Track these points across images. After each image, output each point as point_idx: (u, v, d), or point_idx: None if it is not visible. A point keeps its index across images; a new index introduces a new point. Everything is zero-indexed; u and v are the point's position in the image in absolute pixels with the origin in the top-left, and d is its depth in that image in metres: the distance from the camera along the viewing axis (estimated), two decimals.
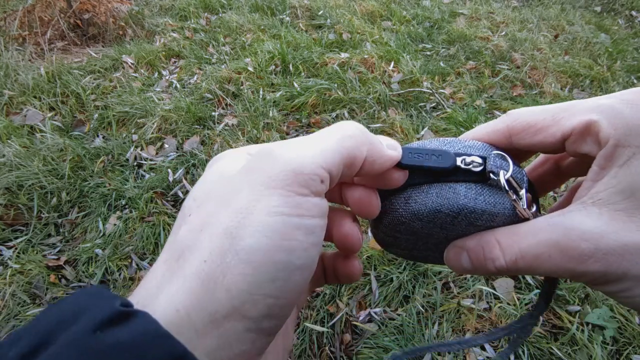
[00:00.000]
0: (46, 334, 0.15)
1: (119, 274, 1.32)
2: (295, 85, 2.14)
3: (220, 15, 2.97)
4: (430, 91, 2.12)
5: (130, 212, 1.50)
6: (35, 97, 2.01)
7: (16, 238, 1.42)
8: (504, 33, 2.81)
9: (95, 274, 1.32)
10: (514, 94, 2.21)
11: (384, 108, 2.02)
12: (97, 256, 1.37)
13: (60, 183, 1.59)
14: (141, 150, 1.79)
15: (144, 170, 1.69)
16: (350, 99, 2.05)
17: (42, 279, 1.30)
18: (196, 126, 1.91)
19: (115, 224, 1.46)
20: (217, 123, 1.93)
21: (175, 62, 2.47)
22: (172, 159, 1.74)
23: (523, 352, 1.07)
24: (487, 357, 1.07)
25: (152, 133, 1.85)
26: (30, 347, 0.15)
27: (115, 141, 1.81)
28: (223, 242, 0.17)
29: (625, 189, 0.19)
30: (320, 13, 2.97)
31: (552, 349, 1.07)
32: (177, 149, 1.82)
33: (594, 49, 2.69)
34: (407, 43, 2.61)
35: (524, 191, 0.22)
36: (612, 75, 2.40)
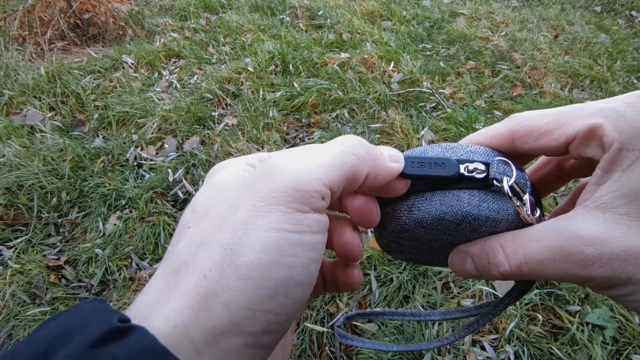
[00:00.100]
0: (44, 350, 0.15)
1: (119, 274, 1.32)
2: (295, 85, 2.14)
3: (220, 15, 2.97)
4: (430, 91, 2.12)
5: (130, 212, 1.50)
6: (35, 97, 2.01)
7: (16, 238, 1.42)
8: (504, 33, 2.81)
9: (95, 274, 1.32)
10: (514, 94, 2.21)
11: (384, 108, 2.02)
12: (97, 256, 1.37)
13: (60, 183, 1.59)
14: (141, 150, 1.79)
15: (144, 170, 1.69)
16: (350, 99, 2.05)
17: (42, 279, 1.30)
18: (196, 126, 1.91)
19: (115, 224, 1.46)
20: (217, 123, 1.93)
21: (175, 62, 2.47)
22: (172, 159, 1.74)
23: (523, 352, 1.07)
24: (487, 357, 1.07)
25: (152, 133, 1.85)
26: None
27: (115, 141, 1.81)
28: (223, 258, 0.17)
29: (628, 193, 0.19)
30: (320, 13, 2.97)
31: (552, 349, 1.07)
32: (177, 149, 1.82)
33: (594, 49, 2.69)
34: (407, 43, 2.61)
35: (528, 195, 0.22)
36: (612, 75, 2.40)
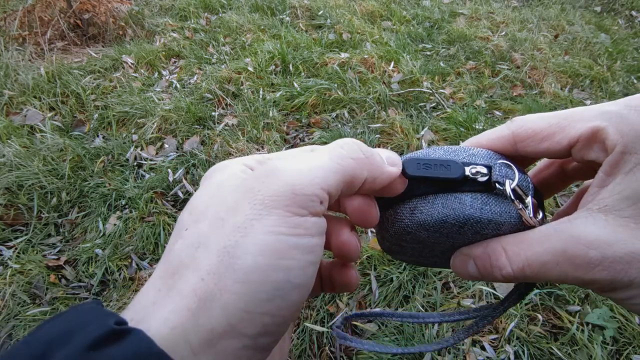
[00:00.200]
0: (42, 351, 0.15)
1: (119, 274, 1.32)
2: (295, 85, 2.14)
3: (220, 15, 2.97)
4: (430, 91, 2.12)
5: (130, 212, 1.50)
6: (35, 97, 2.01)
7: (16, 238, 1.42)
8: (504, 33, 2.81)
9: (95, 274, 1.32)
10: (514, 94, 2.21)
11: (384, 108, 2.02)
12: (97, 256, 1.37)
13: (60, 183, 1.59)
14: (141, 150, 1.79)
15: (144, 170, 1.69)
16: (350, 99, 2.05)
17: (42, 279, 1.30)
18: (196, 126, 1.91)
19: (115, 224, 1.46)
20: (217, 123, 1.93)
21: (175, 62, 2.47)
22: (172, 159, 1.74)
23: (523, 352, 1.07)
24: (487, 357, 1.07)
25: (152, 133, 1.85)
26: None
27: (115, 141, 1.81)
28: (221, 261, 0.17)
29: (631, 196, 0.19)
30: (320, 13, 2.97)
31: (552, 349, 1.07)
32: (177, 149, 1.82)
33: (594, 49, 2.69)
34: (407, 43, 2.61)
35: (530, 198, 0.22)
36: (612, 75, 2.40)
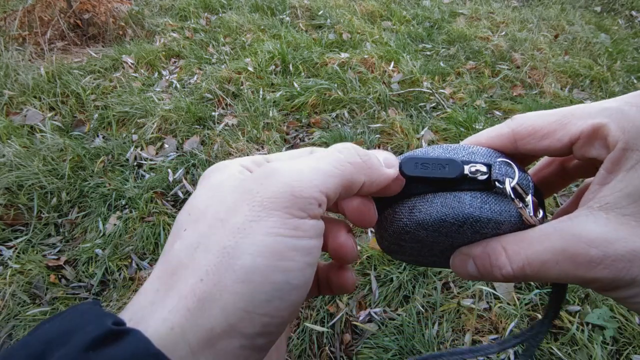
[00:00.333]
0: (41, 352, 0.15)
1: (119, 274, 1.32)
2: (295, 85, 2.14)
3: (220, 15, 2.97)
4: (430, 91, 2.12)
5: (130, 212, 1.50)
6: (35, 97, 2.01)
7: (16, 238, 1.42)
8: (504, 33, 2.81)
9: (95, 274, 1.32)
10: (514, 94, 2.21)
11: (384, 108, 2.02)
12: (97, 256, 1.37)
13: (60, 183, 1.59)
14: (141, 150, 1.79)
15: (144, 170, 1.69)
16: (350, 99, 2.05)
17: (42, 279, 1.30)
18: (196, 126, 1.91)
19: (115, 224, 1.46)
20: (217, 123, 1.93)
21: (175, 62, 2.47)
22: (172, 159, 1.74)
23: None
24: (487, 356, 1.07)
25: (152, 133, 1.85)
26: None
27: (115, 141, 1.81)
28: (220, 261, 0.17)
29: (632, 193, 0.18)
30: (320, 13, 2.97)
31: (552, 349, 1.07)
32: (177, 149, 1.82)
33: (594, 49, 2.69)
34: (407, 43, 2.61)
35: (530, 197, 0.22)
36: (612, 75, 2.40)
